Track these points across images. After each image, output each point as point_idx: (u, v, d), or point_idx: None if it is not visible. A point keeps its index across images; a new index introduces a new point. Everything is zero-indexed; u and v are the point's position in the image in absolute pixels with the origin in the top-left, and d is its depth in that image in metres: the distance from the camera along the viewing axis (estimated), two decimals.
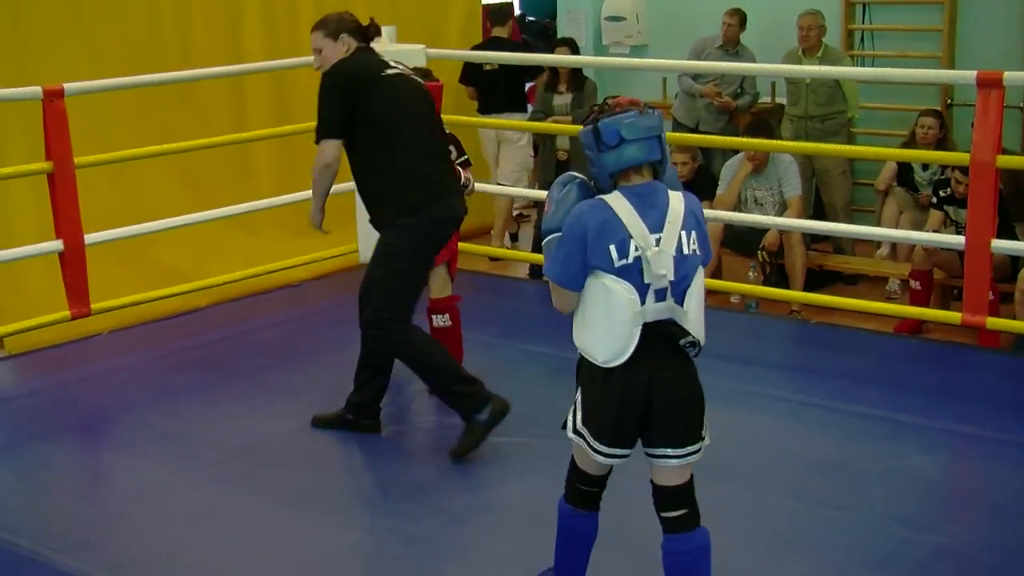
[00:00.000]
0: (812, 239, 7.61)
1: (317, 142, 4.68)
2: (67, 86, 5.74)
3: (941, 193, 6.92)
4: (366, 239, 6.88)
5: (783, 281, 7.35)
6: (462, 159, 5.20)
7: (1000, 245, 5.56)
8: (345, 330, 5.22)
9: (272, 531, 4.12)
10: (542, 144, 8.20)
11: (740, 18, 8.32)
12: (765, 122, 7.80)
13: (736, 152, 7.72)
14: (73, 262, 5.85)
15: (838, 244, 7.98)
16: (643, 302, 3.12)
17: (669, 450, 3.23)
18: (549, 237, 3.23)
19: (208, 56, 7.02)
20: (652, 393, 3.18)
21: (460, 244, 5.43)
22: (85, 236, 5.88)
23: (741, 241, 7.57)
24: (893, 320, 6.67)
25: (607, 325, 3.14)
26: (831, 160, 7.90)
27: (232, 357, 5.33)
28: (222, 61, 6.98)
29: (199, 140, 6.67)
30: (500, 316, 6.42)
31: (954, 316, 5.78)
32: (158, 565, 3.90)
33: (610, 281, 3.12)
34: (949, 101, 8.10)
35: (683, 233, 3.16)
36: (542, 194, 7.63)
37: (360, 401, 4.86)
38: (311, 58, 7.47)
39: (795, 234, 7.24)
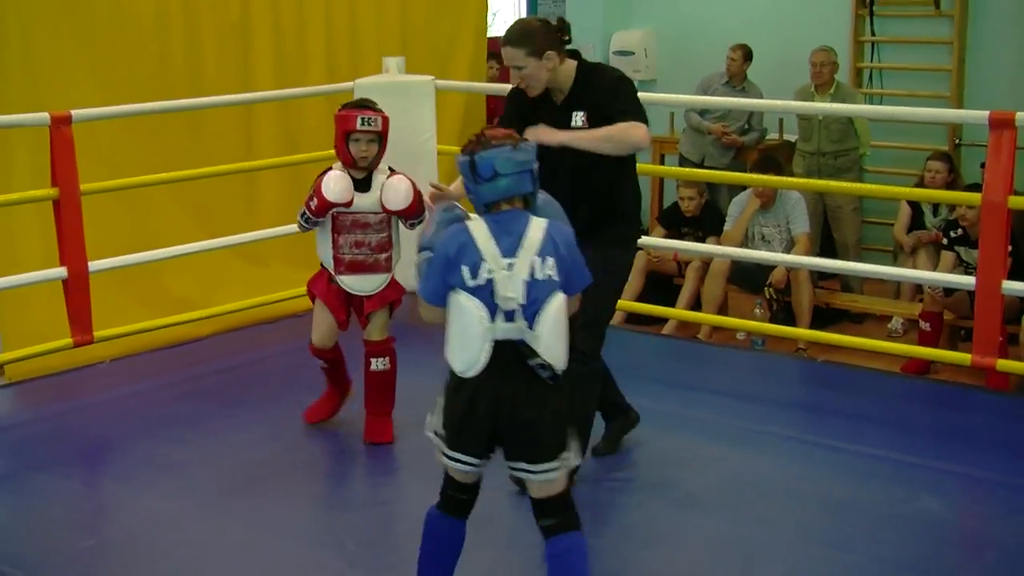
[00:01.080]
0: (819, 276, 7.59)
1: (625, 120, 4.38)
2: (75, 113, 5.73)
3: (952, 234, 6.89)
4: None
5: (789, 318, 7.32)
6: None
7: (1011, 287, 5.53)
8: (349, 363, 5.18)
9: (274, 565, 4.07)
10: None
11: (744, 53, 8.32)
12: (773, 158, 7.79)
13: (744, 188, 7.71)
14: (77, 289, 5.82)
15: (846, 282, 7.96)
16: (492, 320, 3.31)
17: (523, 464, 3.38)
18: (423, 253, 3.49)
19: (217, 84, 7.01)
20: (499, 410, 3.33)
21: None
22: (90, 263, 5.85)
23: (748, 278, 7.55)
24: (900, 359, 6.63)
25: (461, 338, 3.34)
26: (843, 197, 7.89)
27: (236, 387, 5.29)
28: (231, 89, 6.97)
29: (206, 168, 6.66)
30: None
31: (964, 357, 5.74)
32: None
33: (464, 298, 3.32)
34: (957, 141, 8.11)
35: (537, 259, 3.33)
36: None
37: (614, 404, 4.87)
38: (321, 87, 7.52)
39: (802, 271, 7.22)
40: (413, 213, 4.95)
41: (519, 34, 4.45)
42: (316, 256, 5.05)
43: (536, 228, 3.37)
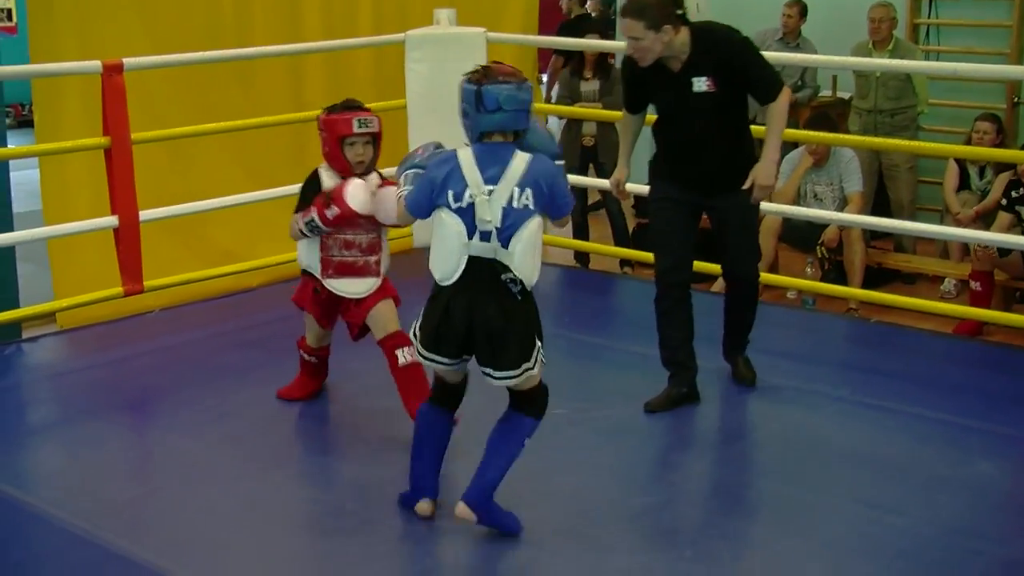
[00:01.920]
0: (871, 236, 7.49)
1: (774, 98, 4.75)
2: (127, 61, 5.73)
3: (1013, 194, 6.78)
4: (421, 222, 6.84)
5: (841, 278, 7.24)
6: None
7: None
8: (399, 314, 5.16)
9: (323, 517, 4.08)
10: (566, 129, 8.08)
11: (800, 9, 8.20)
12: (827, 116, 7.68)
13: (796, 146, 7.61)
14: (127, 239, 5.84)
15: (899, 242, 7.85)
16: (470, 237, 3.65)
17: (489, 369, 3.75)
18: (412, 168, 3.84)
19: (266, 35, 6.98)
20: (471, 318, 3.68)
21: None
22: (140, 212, 5.86)
23: (799, 236, 7.46)
24: (952, 321, 6.54)
25: (441, 249, 3.70)
26: (900, 156, 7.76)
27: (284, 338, 5.27)
28: (280, 40, 6.94)
29: (255, 119, 6.64)
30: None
31: (1018, 319, 5.66)
32: (206, 548, 3.86)
33: (446, 215, 3.67)
34: (1016, 99, 7.95)
35: (516, 189, 3.66)
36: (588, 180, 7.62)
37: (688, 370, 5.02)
38: (371, 38, 7.47)
39: (855, 230, 7.12)
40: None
41: (638, 6, 4.57)
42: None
43: (519, 161, 3.69)
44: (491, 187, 3.65)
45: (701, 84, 4.67)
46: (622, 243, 7.91)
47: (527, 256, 3.68)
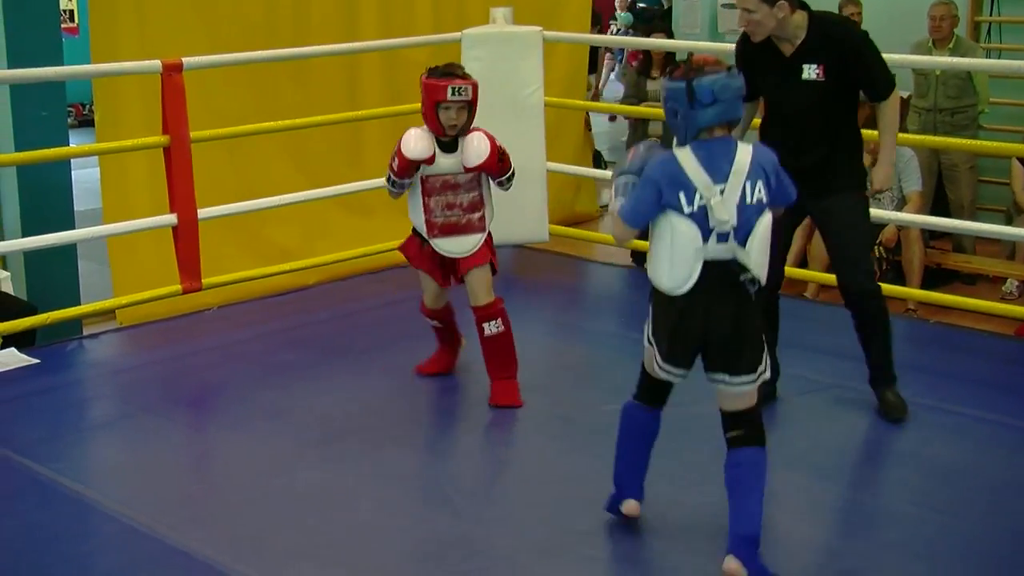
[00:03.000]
0: (930, 236, 7.40)
1: (886, 96, 4.67)
2: (186, 60, 5.77)
3: None
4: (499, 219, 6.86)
5: (899, 278, 7.16)
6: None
7: None
8: (456, 314, 5.16)
9: (379, 514, 4.08)
10: (632, 129, 8.06)
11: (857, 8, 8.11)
12: None
13: None
14: (186, 236, 5.89)
15: (958, 243, 7.75)
16: (705, 242, 3.47)
17: (725, 375, 3.58)
18: (624, 177, 3.61)
19: (323, 34, 7.02)
20: (708, 323, 3.53)
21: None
22: (198, 211, 5.90)
23: None
24: (1013, 322, 6.45)
25: (673, 259, 3.50)
26: (959, 155, 7.67)
27: (341, 336, 5.30)
28: (337, 39, 6.97)
29: (312, 118, 6.68)
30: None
31: None
32: (265, 544, 3.87)
33: (678, 221, 3.47)
34: None
35: (748, 183, 3.49)
36: None
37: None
38: (427, 37, 7.49)
39: (913, 230, 7.05)
40: (494, 169, 4.84)
41: None
42: (405, 213, 5.00)
43: (744, 153, 3.53)
44: (721, 185, 3.48)
45: (811, 71, 4.55)
46: None
47: (764, 253, 3.54)
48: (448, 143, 4.83)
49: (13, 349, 5.44)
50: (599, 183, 8.50)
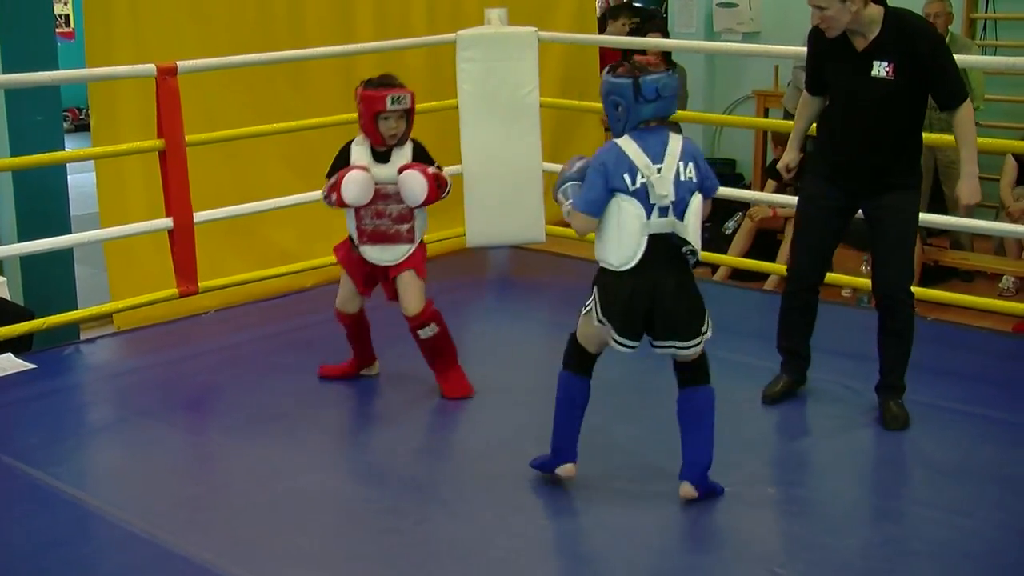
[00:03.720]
0: (928, 233, 7.40)
1: (956, 105, 4.58)
2: (180, 64, 5.77)
3: None
4: (475, 222, 6.85)
5: None
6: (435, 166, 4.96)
7: None
8: (452, 314, 5.16)
9: (381, 517, 4.07)
10: None
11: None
12: None
13: None
14: (182, 240, 5.89)
15: (956, 240, 7.75)
16: (648, 217, 3.84)
17: (675, 343, 3.93)
18: (568, 183, 3.99)
19: (319, 35, 7.01)
20: (655, 296, 3.86)
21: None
22: (194, 214, 5.90)
23: (854, 235, 7.35)
24: (1010, 319, 6.45)
25: (618, 235, 3.86)
26: (956, 152, 7.64)
27: (339, 339, 5.28)
28: (332, 41, 6.96)
29: (308, 120, 6.67)
30: None
31: None
32: (263, 548, 3.87)
33: (624, 201, 3.84)
34: None
35: (680, 163, 3.88)
36: None
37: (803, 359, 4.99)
38: (423, 38, 7.49)
39: None
40: (435, 199, 4.89)
41: None
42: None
43: (675, 140, 3.91)
44: (659, 165, 3.84)
45: (881, 68, 4.48)
46: None
47: (699, 228, 3.91)
48: (383, 153, 4.90)
49: (10, 354, 5.43)
50: None
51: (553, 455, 4.15)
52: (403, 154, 4.90)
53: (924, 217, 6.75)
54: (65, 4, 14.14)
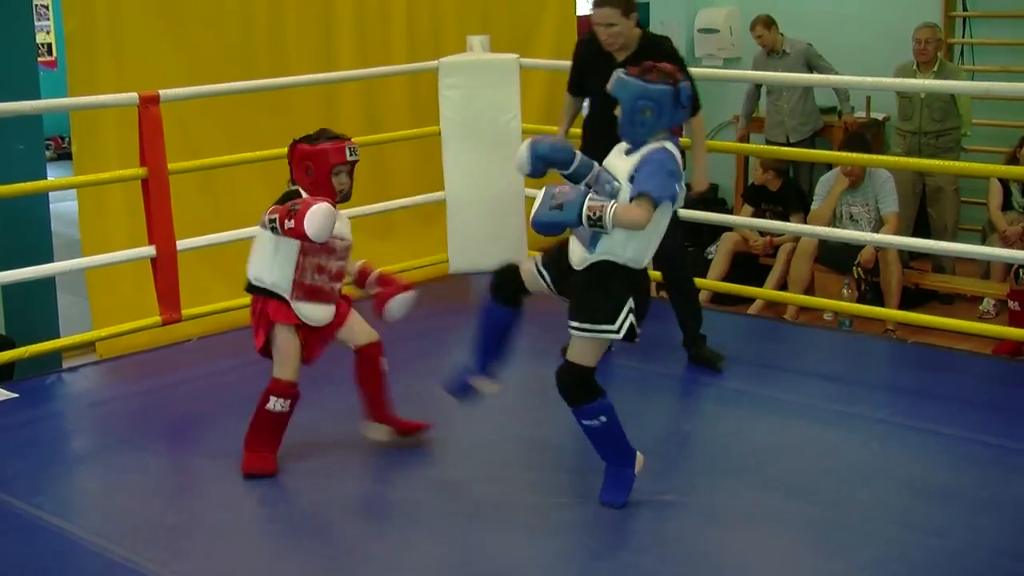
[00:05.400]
0: (910, 256, 7.45)
1: (694, 114, 5.36)
2: (163, 92, 5.78)
3: None
4: (458, 248, 6.87)
5: (878, 299, 7.20)
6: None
7: None
8: (430, 342, 5.16)
9: (367, 545, 4.07)
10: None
11: (764, 23, 8.26)
12: (862, 137, 7.66)
13: (831, 167, 7.59)
14: (165, 268, 5.88)
15: (938, 263, 7.80)
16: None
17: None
18: (568, 200, 3.82)
19: (300, 63, 7.03)
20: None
21: None
22: (177, 242, 5.90)
23: (836, 258, 7.44)
24: (990, 341, 6.50)
25: (652, 237, 3.95)
26: (944, 178, 7.72)
27: (322, 366, 5.26)
28: (314, 68, 6.98)
29: None
30: None
31: None
32: (246, 574, 3.86)
33: (669, 206, 3.92)
34: None
35: None
36: None
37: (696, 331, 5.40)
38: (404, 66, 7.52)
39: (891, 251, 7.10)
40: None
41: None
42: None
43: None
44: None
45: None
46: None
47: None
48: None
49: None
50: None
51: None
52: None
53: (904, 240, 6.84)
54: (47, 33, 14.14)
